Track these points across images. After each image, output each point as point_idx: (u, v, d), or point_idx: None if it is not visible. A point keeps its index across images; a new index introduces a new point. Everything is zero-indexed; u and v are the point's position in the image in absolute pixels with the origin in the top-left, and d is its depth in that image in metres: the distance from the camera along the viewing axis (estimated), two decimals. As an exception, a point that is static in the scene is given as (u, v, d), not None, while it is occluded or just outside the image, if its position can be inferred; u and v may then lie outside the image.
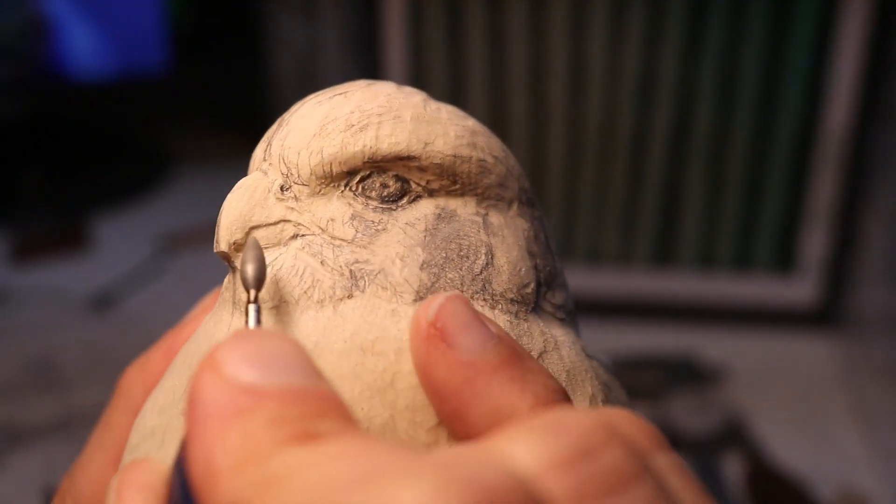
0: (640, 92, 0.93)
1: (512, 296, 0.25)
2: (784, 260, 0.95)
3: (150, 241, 1.06)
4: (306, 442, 0.16)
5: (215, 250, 0.24)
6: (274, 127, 0.26)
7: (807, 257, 0.94)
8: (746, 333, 0.92)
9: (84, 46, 1.13)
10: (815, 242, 0.94)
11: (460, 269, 0.24)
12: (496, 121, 0.94)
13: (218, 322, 0.24)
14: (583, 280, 0.96)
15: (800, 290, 0.95)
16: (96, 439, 0.27)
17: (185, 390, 0.23)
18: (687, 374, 0.84)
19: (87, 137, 1.26)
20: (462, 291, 0.24)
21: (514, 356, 0.21)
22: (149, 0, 1.13)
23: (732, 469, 0.73)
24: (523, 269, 0.25)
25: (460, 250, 0.24)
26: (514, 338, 0.24)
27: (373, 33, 0.94)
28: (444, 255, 0.24)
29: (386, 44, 0.94)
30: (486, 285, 0.24)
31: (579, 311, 0.29)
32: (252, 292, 0.22)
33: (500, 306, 0.25)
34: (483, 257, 0.24)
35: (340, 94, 0.25)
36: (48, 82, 1.13)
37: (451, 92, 0.94)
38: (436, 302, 0.21)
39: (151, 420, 0.24)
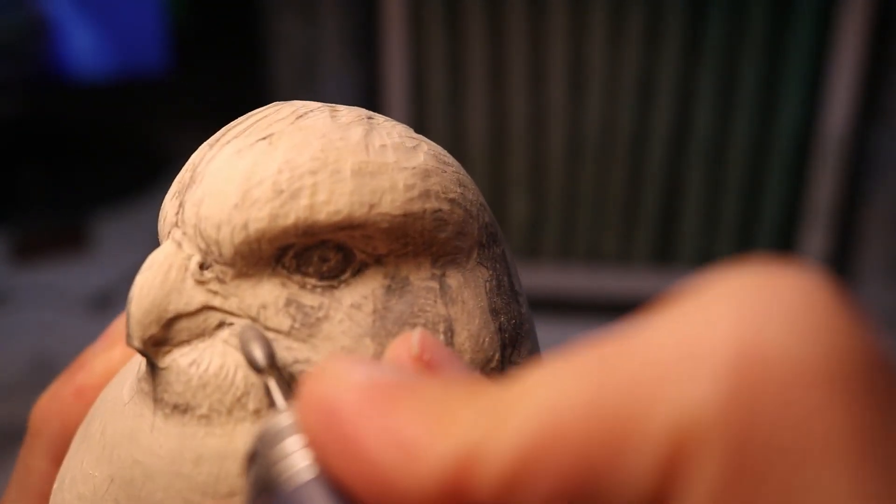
0: (639, 92, 0.93)
1: None
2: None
3: (150, 241, 1.06)
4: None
5: (127, 344, 0.21)
6: (185, 178, 0.22)
7: (806, 257, 0.94)
8: (746, 333, 0.92)
9: (84, 47, 1.13)
10: (814, 242, 0.94)
11: None
12: (496, 121, 0.94)
13: (139, 416, 0.21)
14: (583, 280, 0.96)
15: (799, 290, 0.95)
16: (16, 484, 0.26)
17: (107, 490, 0.21)
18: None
19: (87, 137, 1.26)
20: None
21: None
22: (149, 0, 1.13)
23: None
24: (486, 340, 0.22)
25: None
26: None
27: (373, 34, 0.94)
28: None
29: (386, 45, 0.94)
30: None
31: (579, 312, 0.28)
32: (269, 372, 0.19)
33: None
34: (441, 337, 0.21)
35: (264, 139, 0.21)
36: (48, 82, 1.13)
37: (451, 93, 0.94)
38: (414, 336, 0.19)
39: None
